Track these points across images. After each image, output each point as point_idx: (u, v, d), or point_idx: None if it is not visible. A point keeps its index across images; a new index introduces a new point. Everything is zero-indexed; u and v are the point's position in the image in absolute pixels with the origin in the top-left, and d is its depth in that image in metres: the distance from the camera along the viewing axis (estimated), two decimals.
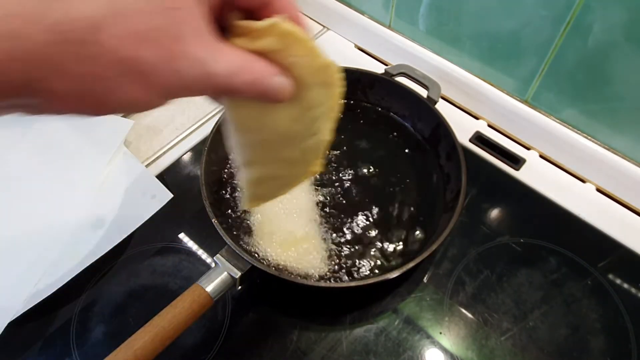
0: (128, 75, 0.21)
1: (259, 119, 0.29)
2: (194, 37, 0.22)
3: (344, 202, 0.58)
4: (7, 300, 0.52)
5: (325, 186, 0.59)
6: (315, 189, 0.59)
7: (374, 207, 0.58)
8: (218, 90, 0.24)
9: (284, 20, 0.24)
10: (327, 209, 0.57)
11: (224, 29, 0.25)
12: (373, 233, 0.56)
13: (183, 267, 0.56)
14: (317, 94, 0.29)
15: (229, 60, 0.23)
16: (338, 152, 0.62)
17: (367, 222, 0.56)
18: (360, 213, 0.57)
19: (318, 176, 0.60)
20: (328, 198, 0.58)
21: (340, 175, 0.60)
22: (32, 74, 0.19)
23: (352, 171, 0.61)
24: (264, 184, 0.37)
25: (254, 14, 0.25)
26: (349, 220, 0.56)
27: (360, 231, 0.56)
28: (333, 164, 0.61)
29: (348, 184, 0.60)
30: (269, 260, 0.52)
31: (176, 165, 0.66)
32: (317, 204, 0.57)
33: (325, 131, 0.32)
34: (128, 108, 0.23)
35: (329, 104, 0.31)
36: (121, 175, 0.63)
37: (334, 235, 0.55)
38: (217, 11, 0.24)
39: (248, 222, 0.56)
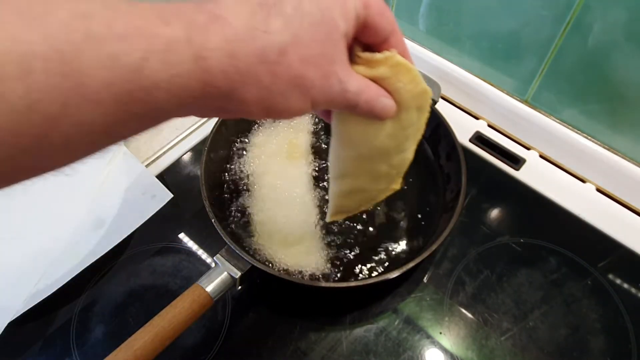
0: (296, 88, 0.27)
1: (363, 133, 0.34)
2: (340, 62, 0.28)
3: None
4: (7, 300, 0.52)
5: (326, 186, 0.59)
6: (316, 189, 0.59)
7: (373, 207, 0.58)
8: (345, 104, 0.30)
9: (396, 54, 0.30)
10: (327, 209, 0.57)
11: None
12: (373, 233, 0.56)
13: (183, 267, 0.56)
14: (412, 115, 0.34)
15: (357, 82, 0.30)
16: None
17: (367, 222, 0.56)
18: (360, 213, 0.57)
19: (318, 176, 0.60)
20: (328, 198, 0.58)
21: None
22: (235, 85, 0.25)
23: None
24: (351, 197, 0.42)
25: (372, 48, 0.32)
26: (349, 220, 0.56)
27: (360, 231, 0.56)
28: None
29: None
30: (269, 260, 0.52)
31: (176, 165, 0.66)
32: (317, 204, 0.57)
33: (411, 150, 0.39)
34: (288, 114, 0.29)
35: (418, 125, 0.37)
36: (121, 175, 0.63)
37: (334, 235, 0.55)
38: (349, 44, 0.30)
39: (248, 222, 0.56)
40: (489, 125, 0.70)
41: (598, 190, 0.63)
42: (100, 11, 0.21)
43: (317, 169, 0.61)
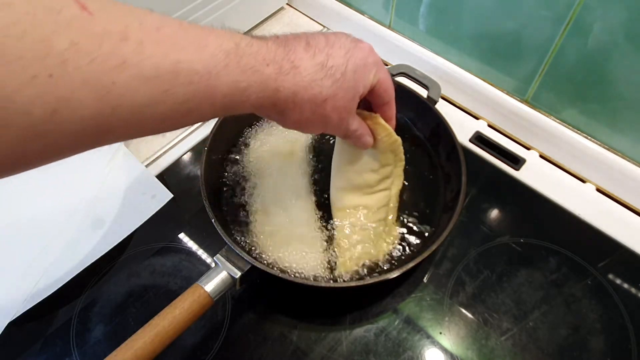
0: (321, 122, 0.41)
1: (356, 156, 0.51)
2: (352, 112, 0.43)
3: None
4: (7, 300, 0.52)
5: (326, 186, 0.59)
6: (315, 189, 0.59)
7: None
8: (344, 135, 0.45)
9: (378, 116, 0.47)
10: (327, 209, 0.57)
11: None
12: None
13: (183, 267, 0.56)
14: (389, 157, 0.52)
15: (357, 124, 0.45)
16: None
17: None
18: None
19: (317, 176, 0.60)
20: (328, 198, 0.58)
21: None
22: (289, 108, 0.38)
23: None
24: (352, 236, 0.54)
25: (371, 106, 0.48)
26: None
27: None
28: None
29: None
30: (269, 260, 0.52)
31: (176, 165, 0.66)
32: (317, 204, 0.57)
33: (394, 189, 0.56)
34: (308, 132, 0.45)
35: (397, 171, 0.55)
36: (121, 175, 0.63)
37: (334, 235, 0.55)
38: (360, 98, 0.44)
39: (248, 222, 0.56)
40: (489, 125, 0.70)
41: (598, 190, 0.63)
42: (232, 51, 0.32)
43: (316, 168, 0.61)
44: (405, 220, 0.56)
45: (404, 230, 0.56)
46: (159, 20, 0.29)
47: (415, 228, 0.56)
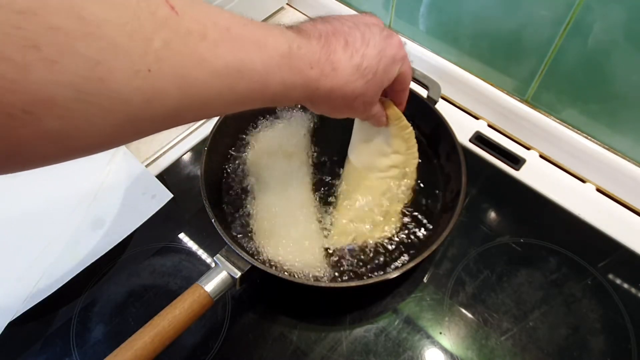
0: (351, 111, 0.46)
1: (370, 136, 0.56)
2: (376, 101, 0.47)
3: None
4: (7, 300, 0.52)
5: (325, 186, 0.59)
6: (315, 189, 0.59)
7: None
8: (366, 118, 0.50)
9: (391, 103, 0.52)
10: (326, 209, 0.57)
11: None
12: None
13: (183, 267, 0.56)
14: (400, 144, 0.55)
15: (377, 109, 0.49)
16: (337, 151, 0.61)
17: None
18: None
19: (317, 176, 0.60)
20: (328, 198, 0.58)
21: (340, 175, 0.60)
22: (323, 102, 0.42)
23: None
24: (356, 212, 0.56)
25: (386, 92, 0.51)
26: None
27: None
28: (332, 164, 0.61)
29: None
30: (269, 260, 0.52)
31: (176, 165, 0.66)
32: (317, 204, 0.57)
33: (404, 182, 0.58)
34: (338, 117, 0.47)
35: (410, 164, 0.57)
36: (121, 175, 0.63)
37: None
38: None
39: (248, 222, 0.56)
40: (489, 125, 0.70)
41: (598, 190, 0.63)
42: (286, 54, 0.36)
43: (316, 168, 0.61)
44: (405, 220, 0.56)
45: (405, 229, 0.56)
46: (229, 20, 0.32)
47: (414, 228, 0.56)
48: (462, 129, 0.68)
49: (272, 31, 0.36)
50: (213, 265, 0.50)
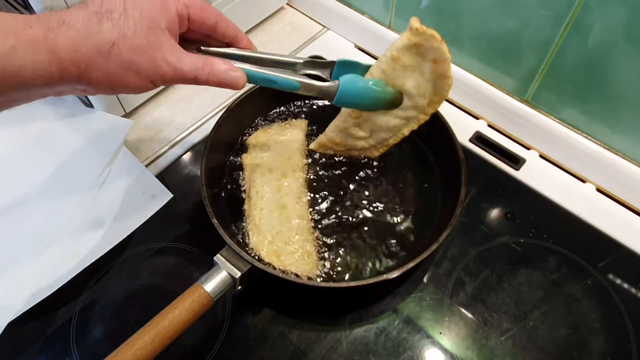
0: (129, 71, 0.37)
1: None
2: (167, 49, 0.38)
3: (343, 202, 0.58)
4: (7, 300, 0.52)
5: (324, 186, 0.59)
6: (315, 189, 0.59)
7: (373, 207, 0.58)
8: (187, 79, 0.39)
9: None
10: (326, 209, 0.57)
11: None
12: (373, 233, 0.56)
13: (183, 267, 0.56)
14: (411, 57, 0.49)
15: (191, 62, 0.39)
16: (337, 150, 0.61)
17: (367, 222, 0.56)
18: (359, 213, 0.57)
19: (316, 176, 0.60)
20: (327, 198, 0.58)
21: (339, 175, 0.60)
22: (82, 69, 0.35)
23: (350, 170, 0.61)
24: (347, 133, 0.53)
25: (229, 41, 0.45)
26: (349, 220, 0.56)
27: (359, 231, 0.56)
28: (331, 163, 0.61)
29: (347, 184, 0.60)
30: (268, 260, 0.52)
31: (176, 165, 0.66)
32: (316, 204, 0.57)
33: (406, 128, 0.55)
34: (131, 90, 0.38)
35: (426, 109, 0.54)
36: (121, 175, 0.63)
37: (334, 235, 0.55)
38: (181, 35, 0.42)
39: (248, 222, 0.56)
40: (489, 125, 0.70)
41: (598, 190, 0.63)
42: None
43: (314, 168, 0.61)
44: (405, 219, 0.56)
45: (405, 229, 0.56)
46: None
47: (414, 228, 0.56)
48: (462, 129, 0.68)
49: None
50: (213, 265, 0.50)
